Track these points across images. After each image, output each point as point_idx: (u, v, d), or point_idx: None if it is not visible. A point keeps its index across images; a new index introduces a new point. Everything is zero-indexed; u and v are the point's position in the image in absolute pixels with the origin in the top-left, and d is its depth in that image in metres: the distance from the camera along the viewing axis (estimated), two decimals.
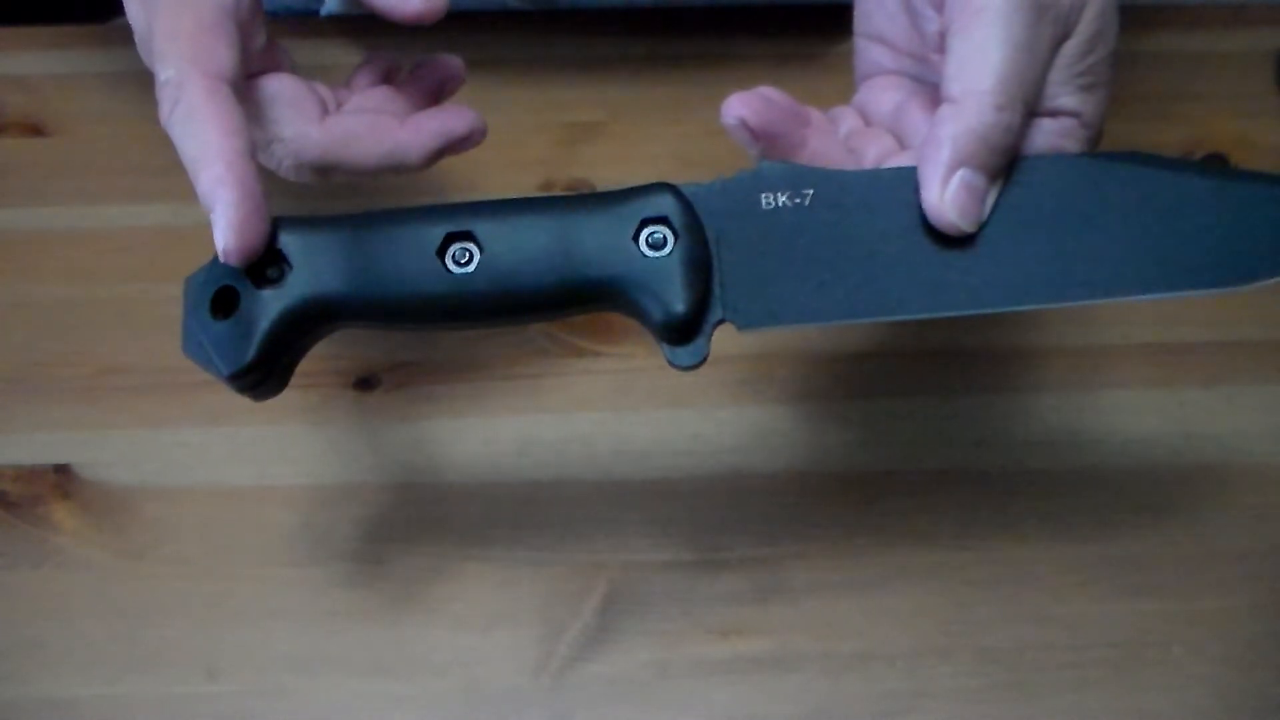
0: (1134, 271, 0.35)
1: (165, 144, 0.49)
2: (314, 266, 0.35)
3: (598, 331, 0.51)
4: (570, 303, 0.35)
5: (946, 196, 0.34)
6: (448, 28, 0.57)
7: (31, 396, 0.49)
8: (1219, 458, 0.48)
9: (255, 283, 0.35)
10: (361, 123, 0.40)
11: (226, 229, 0.34)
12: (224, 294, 0.35)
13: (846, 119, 0.41)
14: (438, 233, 0.35)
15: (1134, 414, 0.49)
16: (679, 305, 0.34)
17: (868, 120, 0.41)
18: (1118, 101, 0.55)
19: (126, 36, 0.40)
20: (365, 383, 0.49)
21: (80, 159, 0.55)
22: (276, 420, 0.48)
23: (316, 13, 0.58)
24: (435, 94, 0.44)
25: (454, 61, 0.45)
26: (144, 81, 0.40)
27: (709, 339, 0.35)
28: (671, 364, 0.35)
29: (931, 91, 0.39)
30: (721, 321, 0.35)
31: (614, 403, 0.49)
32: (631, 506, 0.47)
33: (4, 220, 0.54)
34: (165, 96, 0.36)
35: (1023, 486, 0.47)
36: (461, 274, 0.34)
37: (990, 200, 0.35)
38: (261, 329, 0.34)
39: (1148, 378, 0.50)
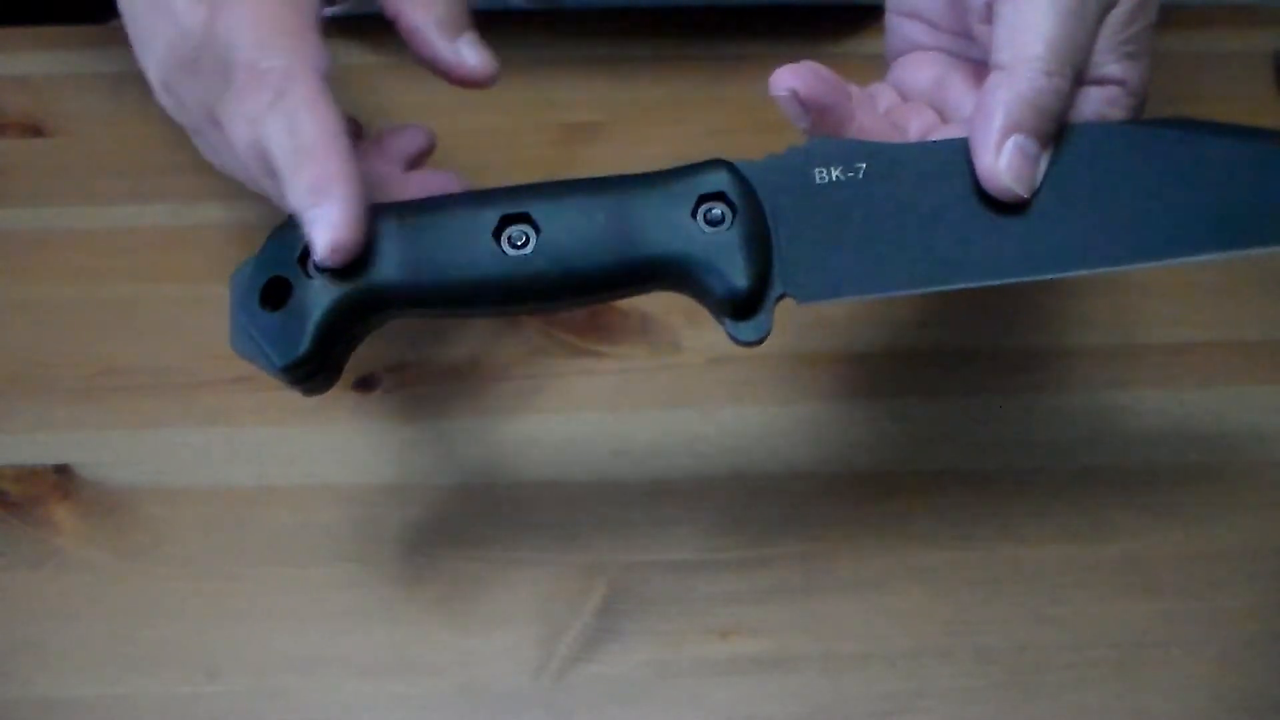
0: (1184, 233, 0.35)
1: (165, 144, 0.49)
2: (366, 253, 0.34)
3: (598, 331, 0.51)
4: (628, 282, 0.35)
5: (1001, 162, 0.35)
6: None
7: (31, 396, 0.49)
8: (1219, 458, 0.48)
9: (306, 272, 0.34)
10: (373, 171, 0.40)
11: (338, 225, 0.33)
12: (275, 284, 0.34)
13: (883, 95, 0.41)
14: (493, 215, 0.34)
15: (1134, 414, 0.49)
16: (741, 280, 0.34)
17: (904, 96, 0.41)
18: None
19: (127, 37, 0.40)
20: (365, 383, 0.49)
21: (80, 159, 0.55)
22: (276, 420, 0.48)
23: None
24: (410, 162, 0.44)
25: (427, 132, 0.44)
26: (145, 82, 0.40)
27: (771, 314, 0.35)
28: (735, 340, 0.35)
29: (971, 66, 0.39)
30: (782, 296, 0.35)
31: (614, 403, 0.49)
32: (631, 506, 0.47)
33: (4, 220, 0.54)
34: (264, 85, 0.35)
35: (1023, 486, 0.47)
36: (519, 256, 0.34)
37: (1043, 165, 0.35)
38: (315, 319, 0.33)
39: (1148, 378, 0.50)
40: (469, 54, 0.40)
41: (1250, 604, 0.45)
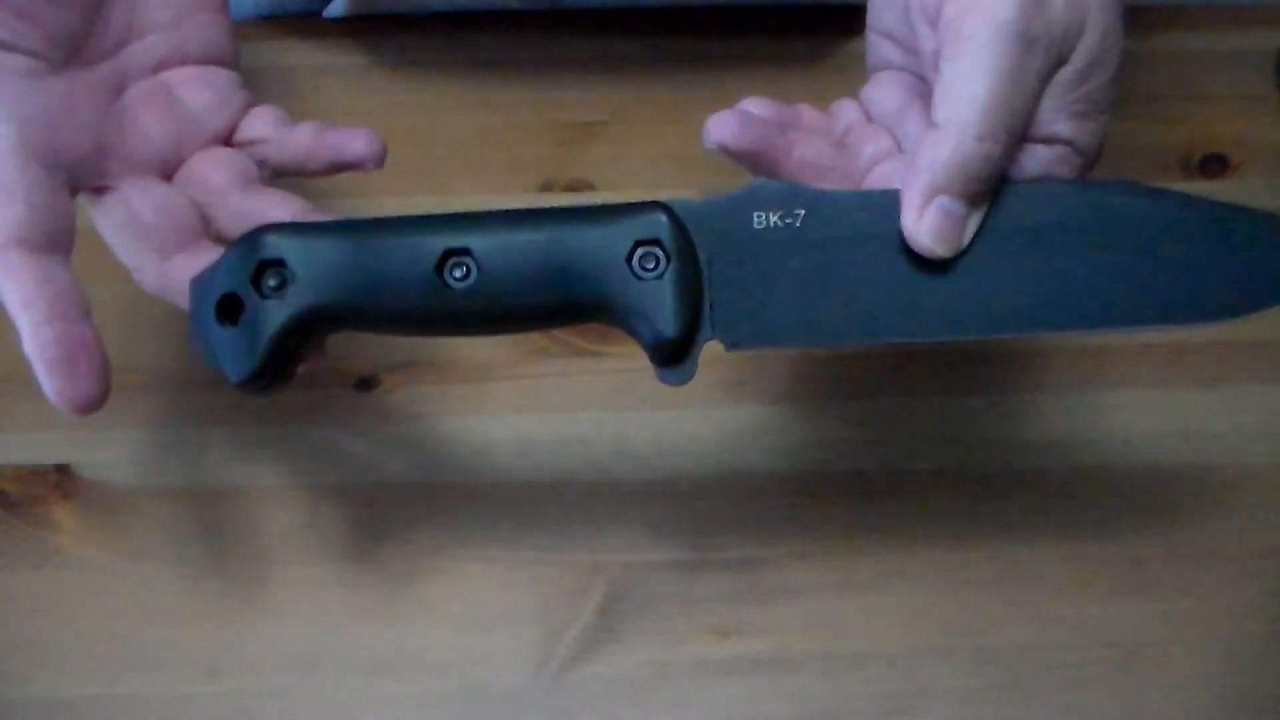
0: (1121, 303, 0.35)
1: None
2: (315, 276, 0.35)
3: (598, 332, 0.50)
4: (564, 318, 0.36)
5: (923, 223, 0.35)
6: (448, 28, 0.58)
7: (31, 396, 0.48)
8: (1219, 458, 0.48)
9: (259, 291, 0.35)
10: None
11: (60, 401, 0.35)
12: (229, 301, 0.35)
13: (847, 112, 0.41)
14: (436, 247, 0.35)
15: (1134, 414, 0.49)
16: (669, 330, 0.35)
17: (870, 115, 0.41)
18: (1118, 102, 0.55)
19: None
20: (365, 383, 0.49)
21: None
22: (276, 420, 0.48)
23: (319, 13, 0.58)
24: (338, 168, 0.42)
25: (367, 138, 0.41)
26: None
27: (696, 360, 0.36)
28: (660, 380, 0.36)
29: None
30: (711, 338, 0.36)
31: (614, 403, 0.49)
32: (631, 506, 0.47)
33: None
34: None
35: (1023, 486, 0.47)
36: (459, 289, 0.35)
37: (970, 227, 0.35)
38: (266, 338, 0.35)
39: (1148, 378, 0.50)
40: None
41: (1250, 604, 0.45)
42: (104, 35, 0.38)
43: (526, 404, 0.49)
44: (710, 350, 0.49)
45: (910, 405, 0.49)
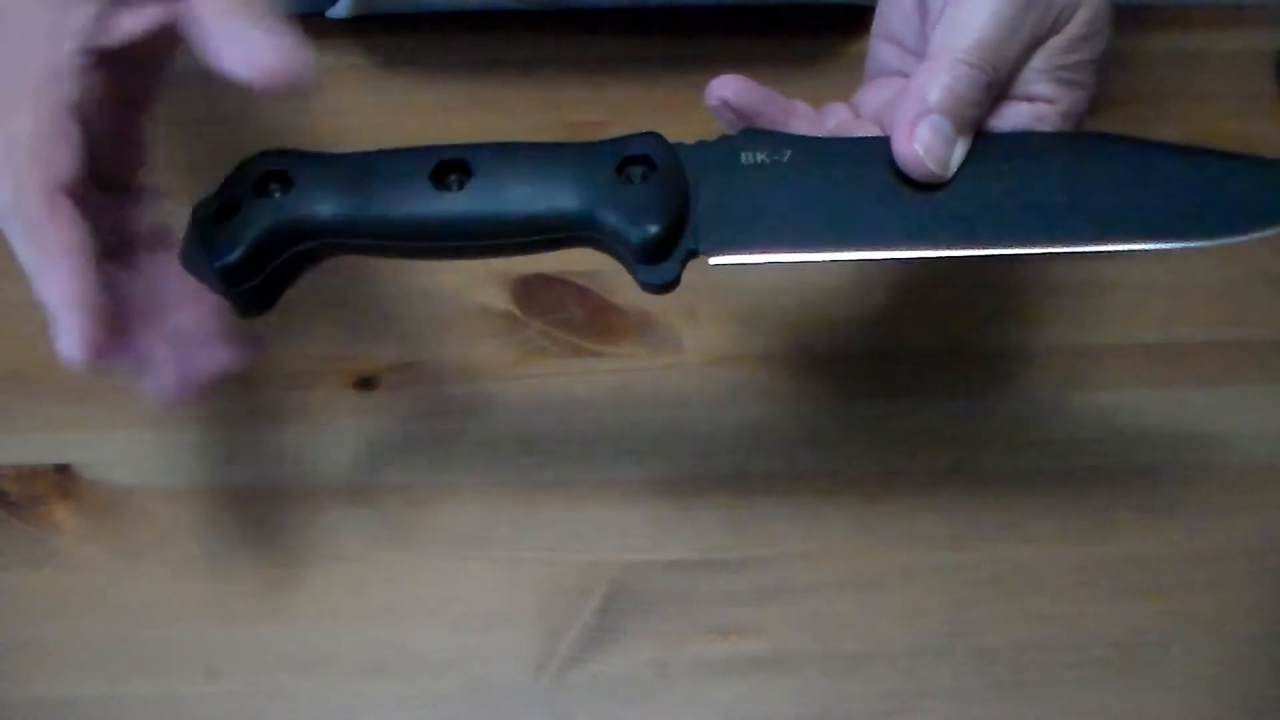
0: (1106, 220, 0.36)
1: (164, 143, 0.49)
2: (313, 187, 0.36)
3: (598, 331, 0.51)
4: (553, 229, 0.37)
5: (915, 139, 0.36)
6: (448, 28, 0.58)
7: (31, 396, 0.49)
8: (1219, 458, 0.48)
9: (257, 195, 0.36)
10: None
11: (74, 346, 0.35)
12: (228, 205, 0.36)
13: (837, 113, 0.42)
14: (431, 159, 0.37)
15: (1134, 414, 0.49)
16: (653, 226, 0.36)
17: (859, 114, 0.41)
18: (1118, 102, 0.55)
19: None
20: (365, 383, 0.49)
21: None
22: (276, 420, 0.48)
23: (322, 14, 0.58)
24: None
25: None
26: None
27: (679, 263, 0.36)
28: (643, 284, 0.36)
29: None
30: (694, 253, 0.36)
31: (614, 403, 0.49)
32: (631, 506, 0.47)
33: None
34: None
35: (1023, 486, 0.47)
36: (452, 196, 0.36)
37: (958, 152, 0.37)
38: (253, 231, 0.36)
39: (1148, 378, 0.50)
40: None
41: (1250, 604, 0.45)
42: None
43: (526, 404, 0.49)
44: (710, 349, 0.49)
45: (910, 405, 0.49)
